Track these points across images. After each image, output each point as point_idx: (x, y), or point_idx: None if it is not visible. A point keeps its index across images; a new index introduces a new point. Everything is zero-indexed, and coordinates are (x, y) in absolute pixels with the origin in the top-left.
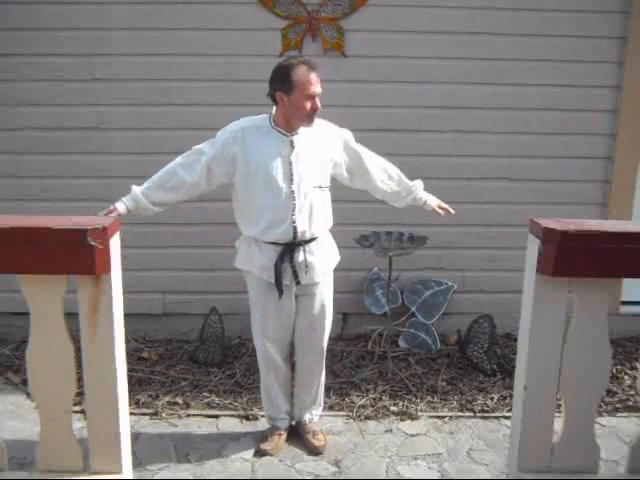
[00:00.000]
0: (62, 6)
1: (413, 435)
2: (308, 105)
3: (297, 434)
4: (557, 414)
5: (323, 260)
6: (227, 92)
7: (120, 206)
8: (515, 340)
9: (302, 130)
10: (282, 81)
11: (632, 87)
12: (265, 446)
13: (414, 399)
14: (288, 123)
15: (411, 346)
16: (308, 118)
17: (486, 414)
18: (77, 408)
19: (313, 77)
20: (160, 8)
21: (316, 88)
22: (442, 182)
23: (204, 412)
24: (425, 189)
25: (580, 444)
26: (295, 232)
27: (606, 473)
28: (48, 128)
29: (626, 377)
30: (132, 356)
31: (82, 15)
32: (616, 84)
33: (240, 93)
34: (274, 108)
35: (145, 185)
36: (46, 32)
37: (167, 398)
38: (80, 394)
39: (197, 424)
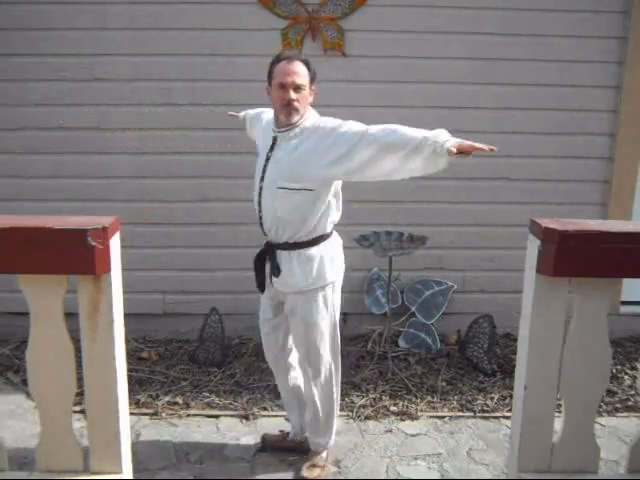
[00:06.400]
0: (62, 6)
1: (413, 435)
2: (281, 95)
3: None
4: (557, 414)
5: (292, 274)
6: (227, 92)
7: (241, 113)
8: (515, 340)
9: (300, 128)
10: (268, 73)
11: (632, 87)
12: (267, 436)
13: (414, 399)
14: (277, 118)
15: (411, 346)
16: (282, 110)
17: (486, 414)
18: (77, 408)
19: (289, 67)
20: (160, 8)
21: (288, 77)
22: (442, 182)
23: (204, 412)
24: (425, 188)
25: (580, 444)
26: (263, 229)
27: (606, 473)
28: (48, 128)
29: (626, 377)
30: (132, 356)
31: (82, 15)
32: (616, 84)
33: (240, 93)
34: None
35: (256, 110)
36: (46, 32)
37: (167, 398)
38: (80, 394)
39: (197, 424)
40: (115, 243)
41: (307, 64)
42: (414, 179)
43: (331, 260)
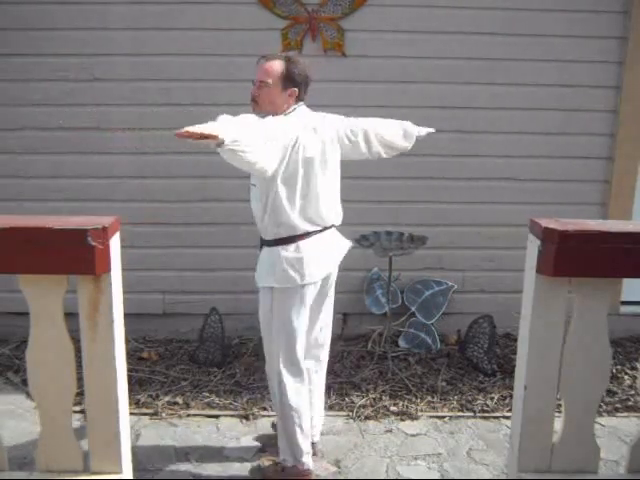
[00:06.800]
0: (66, 6)
1: (413, 435)
2: None
3: None
4: (557, 414)
5: (257, 268)
6: (227, 92)
7: None
8: (515, 340)
9: None
10: None
11: (632, 87)
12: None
13: (414, 399)
14: None
15: (411, 346)
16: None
17: (486, 414)
18: (77, 408)
19: (261, 65)
20: (160, 9)
21: (256, 74)
22: (442, 182)
23: (204, 412)
24: (425, 188)
25: (580, 444)
26: None
27: (606, 473)
28: (48, 128)
29: (626, 377)
30: (132, 356)
31: (82, 16)
32: (616, 84)
33: (240, 93)
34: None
35: None
36: (46, 32)
37: (167, 398)
38: (80, 394)
39: (197, 424)
40: (115, 243)
41: (287, 63)
42: (417, 178)
43: (272, 266)
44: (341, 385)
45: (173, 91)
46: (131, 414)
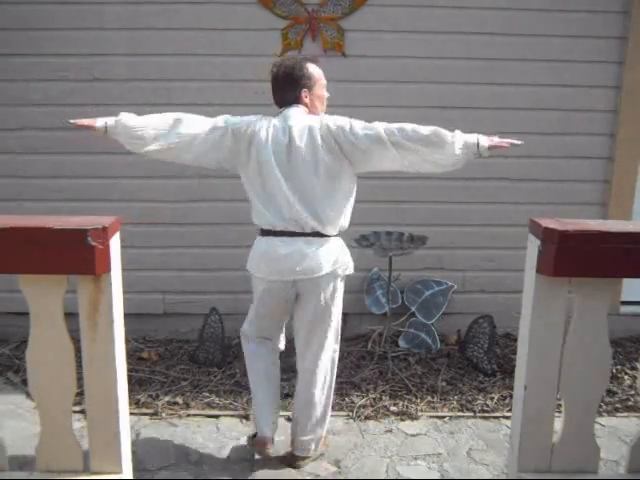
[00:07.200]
0: (61, 6)
1: (413, 435)
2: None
3: None
4: (557, 414)
5: None
6: (227, 92)
7: None
8: (515, 340)
9: None
10: (307, 76)
11: (632, 87)
12: None
13: (414, 399)
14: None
15: (411, 346)
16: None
17: (486, 414)
18: (77, 408)
19: None
20: (159, 8)
21: None
22: (442, 182)
23: (204, 412)
24: (425, 188)
25: (580, 444)
26: None
27: (606, 473)
28: (48, 128)
29: (626, 377)
30: (132, 356)
31: (82, 15)
32: (616, 84)
33: (240, 93)
34: (300, 108)
35: None
36: (46, 32)
37: (167, 398)
38: (80, 394)
39: (197, 424)
40: (115, 243)
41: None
42: (417, 178)
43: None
44: (341, 385)
45: (173, 91)
46: (131, 414)
